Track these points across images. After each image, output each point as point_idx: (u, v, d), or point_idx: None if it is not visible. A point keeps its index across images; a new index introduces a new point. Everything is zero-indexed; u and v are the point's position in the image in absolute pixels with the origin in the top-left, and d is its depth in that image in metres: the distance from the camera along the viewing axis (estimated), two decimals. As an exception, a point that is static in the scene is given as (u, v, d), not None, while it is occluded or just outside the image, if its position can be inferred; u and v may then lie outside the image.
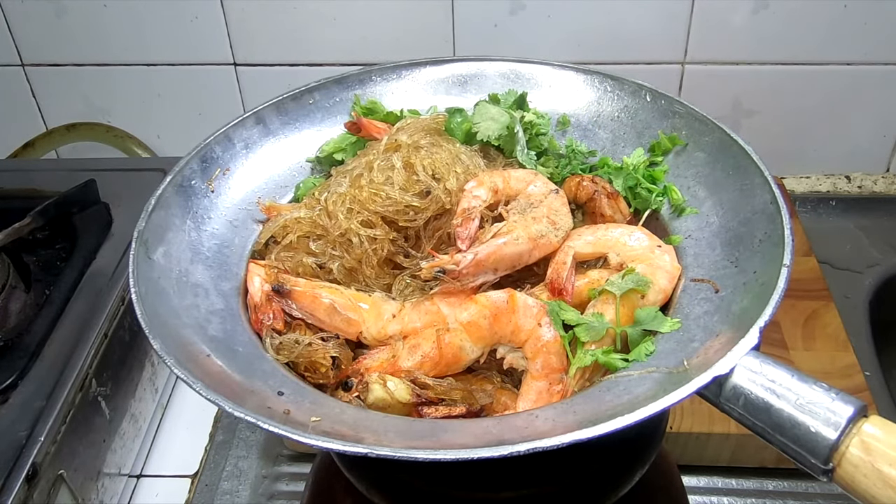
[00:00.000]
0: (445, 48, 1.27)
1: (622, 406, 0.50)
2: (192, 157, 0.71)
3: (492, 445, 0.46)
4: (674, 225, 0.70)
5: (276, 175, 0.77)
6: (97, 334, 0.91)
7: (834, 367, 0.97)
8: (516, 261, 0.65)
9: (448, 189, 0.67)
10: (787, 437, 0.46)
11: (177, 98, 1.37)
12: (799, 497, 0.94)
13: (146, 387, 1.02)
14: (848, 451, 0.44)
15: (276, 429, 0.49)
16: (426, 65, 0.83)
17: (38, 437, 0.79)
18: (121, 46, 1.31)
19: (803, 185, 1.37)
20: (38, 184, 1.14)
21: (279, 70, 1.32)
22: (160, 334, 0.55)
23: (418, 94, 0.82)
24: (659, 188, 0.72)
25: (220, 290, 0.65)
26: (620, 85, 0.78)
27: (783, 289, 0.53)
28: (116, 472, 0.94)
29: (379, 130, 0.77)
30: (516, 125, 0.73)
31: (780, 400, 0.46)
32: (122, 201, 1.09)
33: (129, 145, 1.39)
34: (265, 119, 0.77)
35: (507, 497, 0.61)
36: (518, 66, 0.82)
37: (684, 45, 1.25)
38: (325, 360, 0.62)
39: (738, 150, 0.67)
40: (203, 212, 0.70)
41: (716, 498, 0.95)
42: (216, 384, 0.53)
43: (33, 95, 1.38)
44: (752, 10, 1.20)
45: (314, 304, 0.64)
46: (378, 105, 0.80)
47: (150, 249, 0.63)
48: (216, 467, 1.01)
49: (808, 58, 1.25)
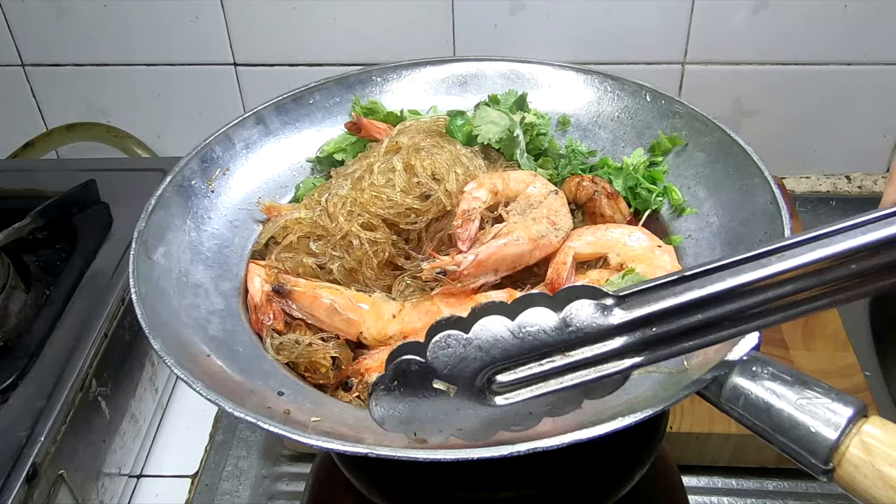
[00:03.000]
0: (445, 48, 1.27)
1: (622, 406, 0.50)
2: (192, 157, 0.71)
3: (492, 445, 0.46)
4: (674, 225, 0.70)
5: (277, 175, 0.77)
6: (97, 334, 0.91)
7: (834, 367, 0.97)
8: (517, 261, 0.65)
9: (448, 191, 0.67)
10: (787, 437, 0.46)
11: (177, 98, 1.37)
12: (799, 497, 0.94)
13: (146, 387, 1.02)
14: (848, 452, 0.44)
15: (276, 429, 0.49)
16: (426, 65, 0.83)
17: (38, 437, 0.79)
18: (121, 46, 1.31)
19: (803, 185, 1.37)
20: (38, 184, 1.14)
21: (279, 70, 1.32)
22: (160, 334, 0.55)
23: (418, 94, 0.82)
24: (659, 188, 0.72)
25: (221, 290, 0.65)
26: (620, 85, 0.78)
27: (783, 289, 0.53)
28: (116, 472, 0.94)
29: (379, 131, 0.77)
30: (516, 129, 0.73)
31: (780, 400, 0.46)
32: (122, 201, 1.09)
33: (129, 145, 1.39)
34: (265, 119, 0.77)
35: (507, 497, 0.61)
36: (518, 67, 0.82)
37: (684, 45, 1.25)
38: (326, 361, 0.62)
39: (739, 150, 0.67)
40: (203, 212, 0.70)
41: (716, 498, 0.95)
42: (216, 384, 0.53)
43: (33, 95, 1.38)
44: (752, 10, 1.20)
45: (314, 304, 0.64)
46: (378, 105, 0.80)
47: (150, 249, 0.63)
48: (216, 467, 1.01)
49: (808, 58, 1.25)
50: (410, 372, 0.45)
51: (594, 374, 0.45)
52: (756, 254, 0.43)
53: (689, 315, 0.43)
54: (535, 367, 0.45)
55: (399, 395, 0.46)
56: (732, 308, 0.43)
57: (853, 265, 0.42)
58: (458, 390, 0.45)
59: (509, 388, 0.45)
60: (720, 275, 0.43)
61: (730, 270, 0.43)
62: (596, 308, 0.44)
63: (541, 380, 0.45)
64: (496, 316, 0.44)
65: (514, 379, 0.45)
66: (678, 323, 0.44)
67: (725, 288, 0.43)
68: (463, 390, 0.45)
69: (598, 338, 0.44)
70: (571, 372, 0.45)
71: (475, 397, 0.46)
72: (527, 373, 0.45)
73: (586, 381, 0.45)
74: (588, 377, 0.45)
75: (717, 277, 0.43)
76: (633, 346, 0.44)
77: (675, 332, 0.44)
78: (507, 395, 0.46)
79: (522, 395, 0.45)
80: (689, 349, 0.45)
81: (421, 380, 0.45)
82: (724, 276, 0.43)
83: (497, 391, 0.46)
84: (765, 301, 0.43)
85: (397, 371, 0.45)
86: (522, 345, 0.44)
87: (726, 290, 0.43)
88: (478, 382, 0.45)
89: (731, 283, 0.43)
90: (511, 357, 0.45)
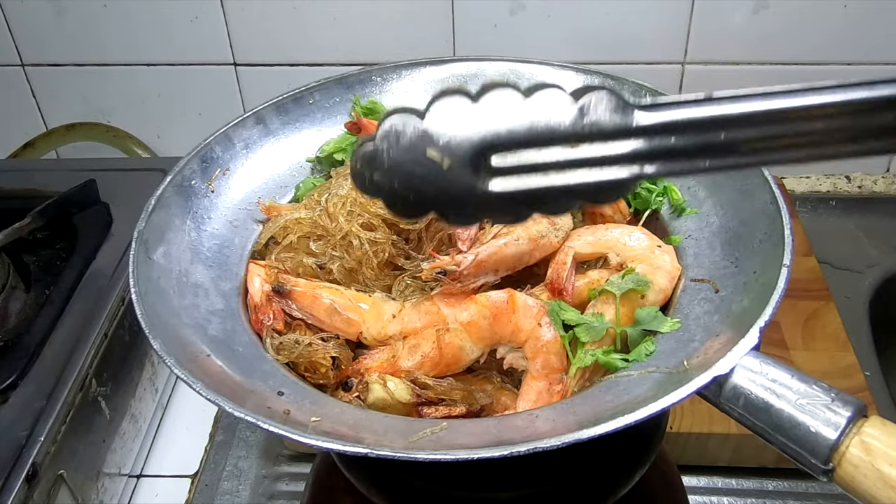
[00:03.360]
0: (445, 48, 1.27)
1: (622, 406, 0.50)
2: (192, 157, 0.71)
3: (492, 445, 0.46)
4: (674, 225, 0.70)
5: (276, 175, 0.77)
6: (97, 334, 0.91)
7: (834, 367, 0.97)
8: (517, 261, 0.65)
9: (448, 189, 0.67)
10: (787, 437, 0.46)
11: (177, 98, 1.37)
12: (799, 497, 0.94)
13: (146, 387, 1.02)
14: (848, 452, 0.44)
15: (276, 429, 0.49)
16: (426, 65, 0.83)
17: (38, 437, 0.79)
18: (121, 46, 1.31)
19: (803, 185, 1.37)
20: (38, 184, 1.14)
21: (279, 70, 1.32)
22: (160, 334, 0.55)
23: (418, 94, 0.82)
24: (659, 188, 0.72)
25: (221, 290, 0.65)
26: (620, 85, 0.78)
27: (783, 289, 0.53)
28: (116, 472, 0.94)
29: (379, 130, 0.77)
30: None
31: (780, 400, 0.46)
32: (122, 201, 1.09)
33: (129, 145, 1.39)
34: (265, 119, 0.77)
35: (507, 497, 0.61)
36: (518, 66, 0.82)
37: (684, 45, 1.25)
38: (326, 361, 0.62)
39: (738, 150, 0.67)
40: (203, 212, 0.70)
41: (716, 498, 0.95)
42: (216, 384, 0.53)
43: (33, 95, 1.38)
44: (752, 10, 1.20)
45: (314, 304, 0.64)
46: (378, 105, 0.80)
47: (150, 249, 0.63)
48: (216, 467, 1.01)
49: (808, 58, 1.25)
50: (403, 133, 0.40)
51: (599, 176, 0.41)
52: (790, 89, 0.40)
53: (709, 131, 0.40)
54: (539, 155, 0.40)
55: (385, 156, 0.40)
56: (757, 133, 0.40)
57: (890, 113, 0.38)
58: (451, 164, 0.40)
59: (507, 173, 0.41)
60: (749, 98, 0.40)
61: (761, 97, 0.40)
62: (617, 105, 0.40)
63: (542, 170, 0.41)
64: (511, 90, 0.40)
65: (514, 164, 0.41)
66: (699, 138, 0.40)
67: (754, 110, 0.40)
68: (457, 166, 0.40)
69: (612, 135, 0.40)
70: (576, 168, 0.41)
71: (469, 176, 0.41)
72: (529, 159, 0.40)
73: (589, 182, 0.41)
74: (591, 179, 0.41)
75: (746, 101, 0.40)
76: (648, 153, 0.40)
77: (693, 148, 0.40)
78: (503, 180, 0.41)
79: (519, 184, 0.41)
80: (703, 169, 0.41)
81: (413, 145, 0.40)
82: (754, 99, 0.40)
83: (494, 173, 0.41)
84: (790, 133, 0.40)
85: (390, 131, 0.40)
86: (532, 127, 0.40)
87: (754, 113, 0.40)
88: (475, 160, 0.40)
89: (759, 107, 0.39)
90: (517, 138, 0.40)
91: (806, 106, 0.39)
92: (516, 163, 0.40)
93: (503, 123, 0.40)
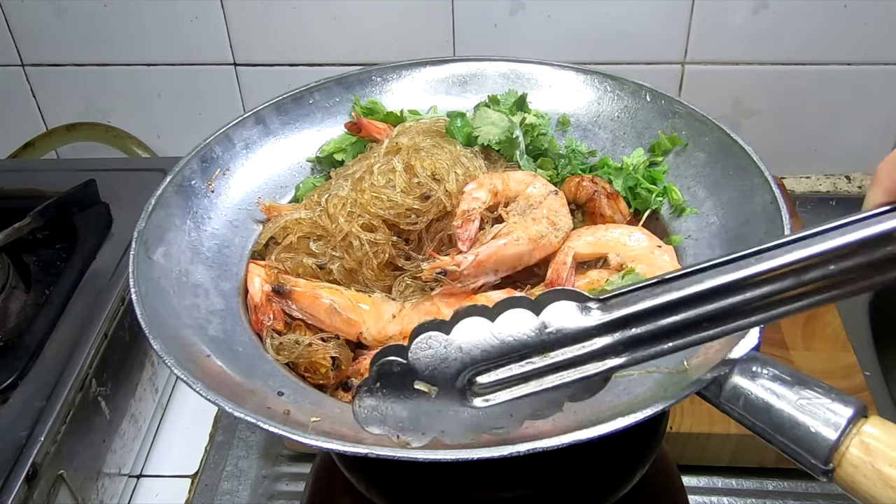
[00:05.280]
0: (445, 48, 1.27)
1: (622, 406, 0.50)
2: (192, 157, 0.71)
3: (492, 445, 0.46)
4: (674, 225, 0.70)
5: (276, 175, 0.77)
6: (97, 334, 0.91)
7: (834, 367, 0.97)
8: (517, 261, 0.65)
9: (448, 191, 0.67)
10: (787, 438, 0.46)
11: (177, 98, 1.37)
12: (799, 497, 0.94)
13: (146, 387, 1.02)
14: (848, 452, 0.44)
15: (276, 429, 0.49)
16: (426, 65, 0.83)
17: (38, 437, 0.79)
18: (121, 46, 1.31)
19: (803, 185, 1.37)
20: (38, 184, 1.14)
21: (279, 70, 1.32)
22: (160, 334, 0.55)
23: (418, 94, 0.82)
24: (659, 188, 0.72)
25: (221, 291, 0.65)
26: (620, 85, 0.78)
27: (783, 289, 0.53)
28: (116, 472, 0.94)
29: (379, 131, 0.77)
30: (516, 130, 0.73)
31: (780, 400, 0.46)
32: (122, 201, 1.09)
33: (129, 145, 1.39)
34: (265, 119, 0.77)
35: (507, 497, 0.61)
36: (518, 67, 0.82)
37: (684, 45, 1.25)
38: (326, 361, 0.62)
39: (739, 150, 0.67)
40: (203, 212, 0.70)
41: (716, 498, 0.95)
42: (216, 384, 0.53)
43: (33, 95, 1.38)
44: (752, 10, 1.20)
45: (314, 304, 0.64)
46: (378, 105, 0.80)
47: (150, 249, 0.63)
48: (216, 467, 1.01)
49: (808, 58, 1.25)
50: (393, 373, 0.45)
51: (574, 375, 0.45)
52: (734, 257, 0.43)
53: (665, 316, 0.44)
54: (515, 369, 0.45)
55: (382, 396, 0.46)
56: (710, 309, 0.44)
57: (831, 266, 0.42)
58: (439, 392, 0.45)
59: (490, 389, 0.46)
60: (698, 276, 0.44)
61: (708, 272, 0.44)
62: (576, 310, 0.44)
63: (521, 381, 0.45)
64: (477, 317, 0.45)
65: (494, 380, 0.45)
66: (656, 323, 0.44)
67: (701, 290, 0.43)
68: (444, 392, 0.46)
69: (577, 339, 0.45)
70: (552, 373, 0.45)
71: (456, 399, 0.46)
72: (507, 374, 0.45)
73: (566, 383, 0.45)
74: (567, 378, 0.45)
75: (696, 279, 0.44)
76: (613, 347, 0.45)
77: (654, 333, 0.44)
78: (488, 397, 0.46)
79: (503, 397, 0.46)
80: (667, 351, 0.45)
81: (403, 381, 0.45)
82: (702, 277, 0.44)
83: (478, 392, 0.46)
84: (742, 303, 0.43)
85: (380, 372, 0.45)
86: (502, 346, 0.45)
87: (702, 292, 0.43)
88: (459, 384, 0.45)
89: (707, 285, 0.43)
90: (491, 358, 0.45)
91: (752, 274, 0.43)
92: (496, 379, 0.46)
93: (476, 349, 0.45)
